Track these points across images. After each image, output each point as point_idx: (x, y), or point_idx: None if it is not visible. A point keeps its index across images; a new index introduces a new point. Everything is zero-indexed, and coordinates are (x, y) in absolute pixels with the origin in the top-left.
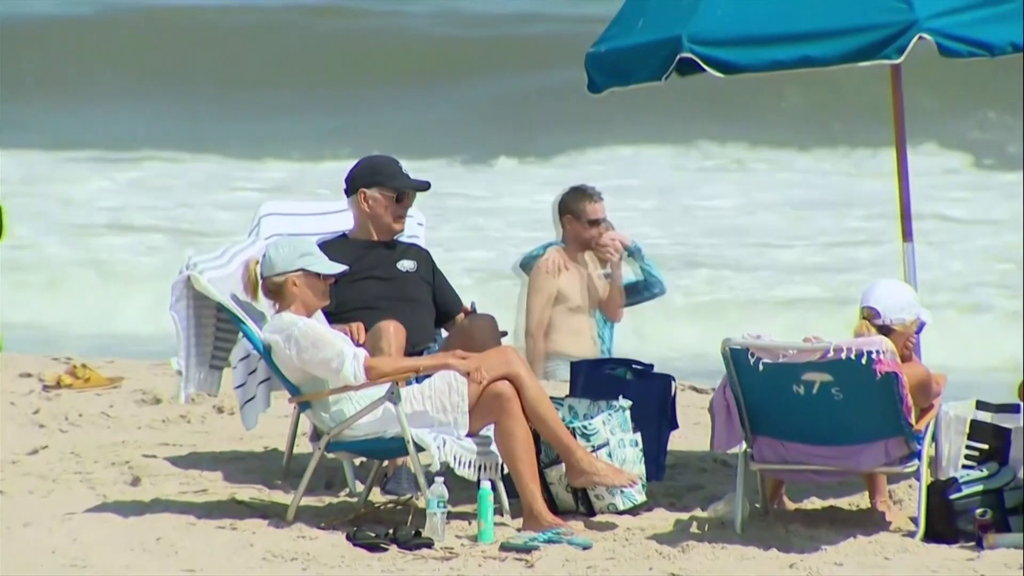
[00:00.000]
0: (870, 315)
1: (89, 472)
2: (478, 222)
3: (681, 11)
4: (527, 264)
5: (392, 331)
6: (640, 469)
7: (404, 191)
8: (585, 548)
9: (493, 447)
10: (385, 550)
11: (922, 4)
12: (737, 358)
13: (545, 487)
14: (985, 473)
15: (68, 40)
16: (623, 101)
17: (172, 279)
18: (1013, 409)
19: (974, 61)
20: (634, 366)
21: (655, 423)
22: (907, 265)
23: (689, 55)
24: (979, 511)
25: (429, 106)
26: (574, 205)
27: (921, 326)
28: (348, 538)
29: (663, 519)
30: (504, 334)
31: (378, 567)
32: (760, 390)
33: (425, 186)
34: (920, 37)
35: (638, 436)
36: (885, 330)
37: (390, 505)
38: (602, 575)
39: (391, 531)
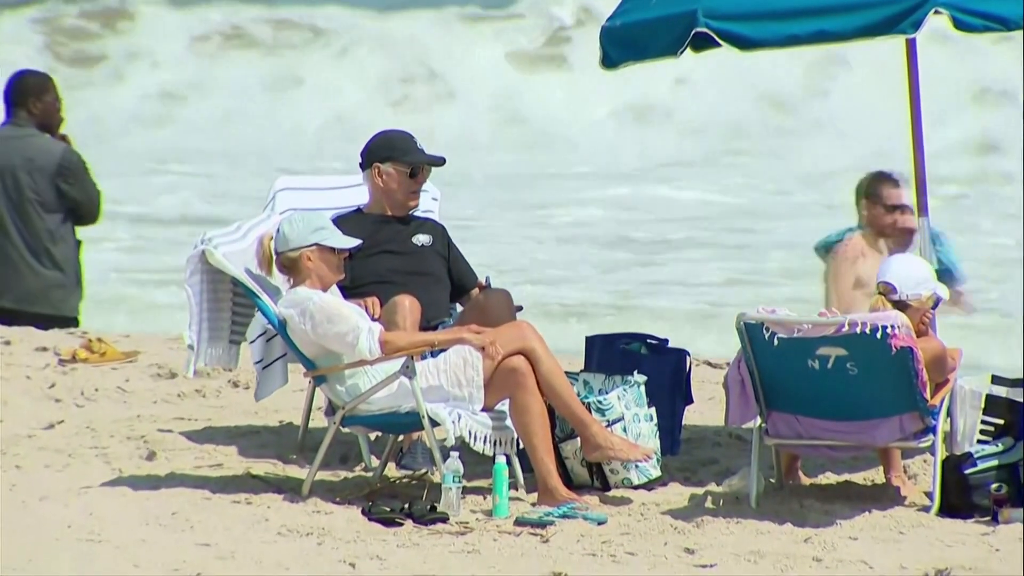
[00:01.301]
0: (886, 290)
1: (105, 446)
2: None
3: None
4: (826, 248)
5: (407, 305)
6: (655, 444)
7: (418, 167)
8: (600, 523)
9: (508, 422)
10: (400, 525)
11: None
12: (752, 333)
13: (560, 462)
14: (1000, 448)
15: None
16: None
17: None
18: None
19: None
20: (649, 341)
21: (670, 398)
22: (922, 240)
23: (704, 30)
24: (994, 486)
25: None
26: (874, 189)
27: (937, 301)
28: (363, 513)
29: (678, 494)
30: (519, 308)
31: (393, 541)
32: (775, 365)
33: (440, 161)
34: (935, 11)
35: (653, 411)
36: (901, 305)
37: (405, 480)
38: (617, 550)
39: (406, 506)
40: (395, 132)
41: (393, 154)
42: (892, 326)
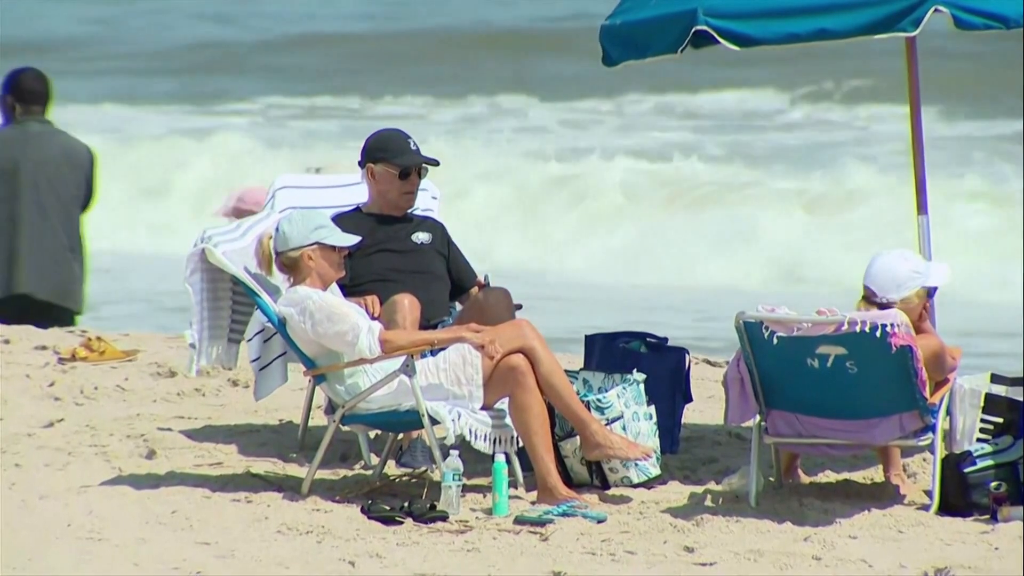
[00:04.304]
0: (868, 294)
1: (104, 445)
2: None
3: None
4: None
5: (407, 304)
6: (654, 442)
7: (408, 168)
8: (600, 521)
9: (508, 420)
10: (400, 523)
11: None
12: (751, 331)
13: (559, 460)
14: (1000, 446)
15: None
16: None
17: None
18: None
19: None
20: (648, 339)
21: (669, 396)
22: (922, 238)
23: (704, 28)
24: (994, 484)
25: None
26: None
27: (932, 291)
28: (363, 511)
29: (677, 492)
30: (519, 307)
31: (393, 540)
32: (774, 363)
33: (434, 162)
34: (936, 9)
35: (652, 409)
36: (885, 307)
37: (405, 478)
38: (616, 548)
39: (406, 504)
40: (390, 131)
41: (385, 155)
42: (892, 324)
